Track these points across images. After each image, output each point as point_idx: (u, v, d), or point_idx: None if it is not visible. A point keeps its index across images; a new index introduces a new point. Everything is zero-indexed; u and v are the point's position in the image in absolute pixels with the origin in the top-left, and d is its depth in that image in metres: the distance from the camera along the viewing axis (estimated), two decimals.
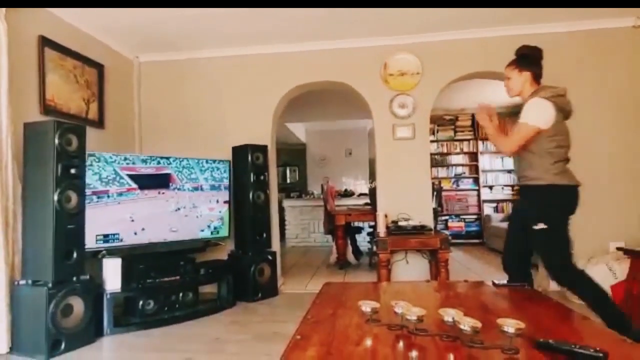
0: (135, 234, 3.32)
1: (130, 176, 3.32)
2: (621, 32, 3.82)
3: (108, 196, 3.18)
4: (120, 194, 3.24)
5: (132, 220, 3.30)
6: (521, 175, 2.47)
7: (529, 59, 2.49)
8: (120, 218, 3.23)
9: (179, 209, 3.61)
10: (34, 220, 2.67)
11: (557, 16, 3.71)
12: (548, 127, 2.30)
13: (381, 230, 3.64)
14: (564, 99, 2.38)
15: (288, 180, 11.48)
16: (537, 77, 2.48)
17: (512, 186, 7.49)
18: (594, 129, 3.83)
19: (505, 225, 6.22)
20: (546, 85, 2.43)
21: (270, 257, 3.96)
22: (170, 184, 3.56)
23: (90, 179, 3.04)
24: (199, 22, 3.66)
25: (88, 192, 2.98)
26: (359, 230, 6.35)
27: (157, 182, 3.48)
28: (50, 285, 2.57)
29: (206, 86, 4.36)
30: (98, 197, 3.11)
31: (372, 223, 5.62)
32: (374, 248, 4.12)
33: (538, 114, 2.31)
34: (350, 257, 5.78)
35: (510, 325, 1.20)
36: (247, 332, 2.99)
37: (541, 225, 2.33)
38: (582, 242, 3.77)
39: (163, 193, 3.51)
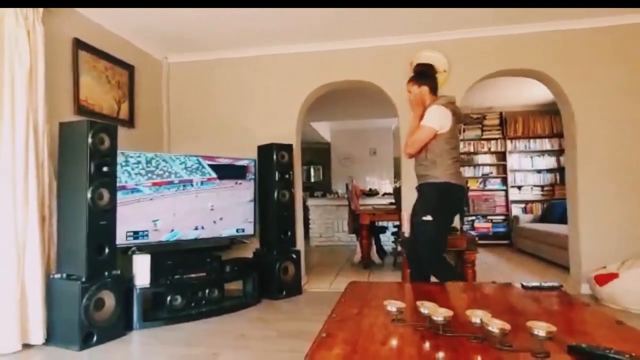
0: (164, 231, 3.40)
1: (160, 175, 3.40)
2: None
3: (136, 192, 3.26)
4: (150, 193, 3.32)
5: (162, 218, 3.38)
6: (423, 174, 2.79)
7: (425, 74, 2.96)
8: (150, 215, 3.31)
9: (205, 207, 3.67)
10: (68, 216, 2.77)
11: (584, 13, 3.59)
12: (446, 130, 2.67)
13: (406, 230, 3.60)
14: (454, 106, 2.80)
15: (312, 179, 11.51)
16: (433, 89, 2.86)
17: (542, 186, 7.30)
18: (628, 129, 3.70)
19: (534, 226, 6.10)
20: (440, 96, 2.84)
21: (294, 256, 3.98)
22: (197, 182, 3.63)
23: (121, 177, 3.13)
24: (227, 23, 3.71)
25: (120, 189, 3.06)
26: (383, 229, 6.31)
27: (184, 181, 3.55)
28: (83, 279, 2.66)
29: (233, 86, 4.42)
30: (132, 192, 3.20)
31: (397, 223, 5.58)
32: (399, 248, 4.09)
33: (437, 117, 2.67)
34: (375, 256, 5.75)
35: (540, 328, 1.17)
36: (272, 329, 3.02)
37: (428, 217, 2.64)
38: (616, 245, 3.66)
39: (190, 191, 3.58)
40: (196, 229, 3.61)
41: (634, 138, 3.69)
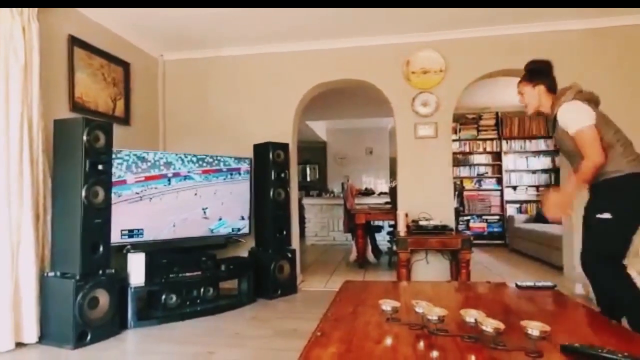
0: (159, 230, 3.39)
1: (155, 173, 3.38)
2: None
3: (130, 190, 3.25)
4: (144, 191, 3.31)
5: (156, 217, 3.37)
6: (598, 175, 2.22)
7: (539, 72, 2.47)
8: (144, 214, 3.30)
9: (200, 205, 3.66)
10: (63, 214, 2.76)
11: (579, 14, 3.61)
12: (597, 121, 2.20)
13: (401, 230, 3.62)
14: (585, 92, 2.33)
15: (308, 178, 11.51)
16: (550, 88, 2.43)
17: (537, 187, 7.33)
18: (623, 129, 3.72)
19: (529, 226, 6.13)
20: (562, 89, 2.37)
21: (289, 255, 3.98)
22: (193, 181, 3.62)
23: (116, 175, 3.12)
24: (222, 21, 3.70)
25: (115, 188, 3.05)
26: (379, 229, 6.32)
27: (180, 179, 3.54)
28: (77, 277, 2.65)
29: (229, 84, 4.41)
30: (126, 189, 3.19)
31: (392, 222, 5.59)
32: (394, 247, 4.10)
33: (579, 115, 2.21)
34: (370, 256, 5.76)
35: (534, 327, 1.18)
36: (267, 327, 3.02)
37: (606, 215, 2.14)
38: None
39: (185, 190, 3.57)
40: (191, 227, 3.59)
41: (630, 137, 3.70)
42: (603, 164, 2.15)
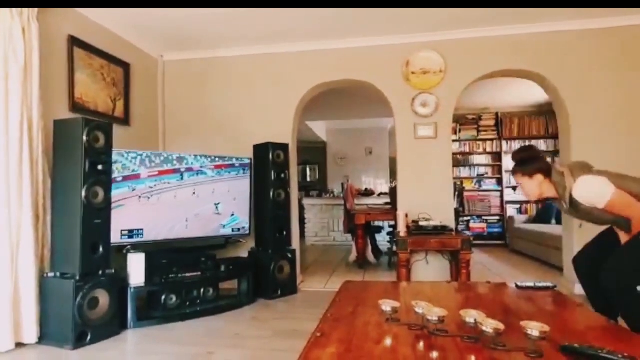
0: (159, 230, 3.39)
1: (154, 174, 3.38)
2: None
3: (130, 190, 3.25)
4: (145, 191, 3.31)
5: (156, 217, 3.37)
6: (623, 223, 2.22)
7: (530, 161, 2.41)
8: (145, 214, 3.30)
9: (200, 205, 3.66)
10: (63, 214, 2.76)
11: (580, 14, 3.61)
12: (614, 185, 2.17)
13: (401, 230, 3.61)
14: (577, 164, 2.36)
15: (308, 179, 11.51)
16: (547, 173, 2.37)
17: None
18: (622, 131, 3.72)
19: (529, 227, 6.13)
20: (556, 174, 2.34)
21: (290, 255, 3.98)
22: (193, 181, 3.62)
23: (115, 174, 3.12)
24: (222, 21, 3.70)
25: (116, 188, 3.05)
26: (379, 229, 6.32)
27: (181, 179, 3.54)
28: (77, 278, 2.65)
29: (229, 84, 4.41)
30: (127, 189, 3.19)
31: (392, 222, 5.59)
32: (394, 247, 4.10)
33: (600, 187, 2.18)
34: (370, 256, 5.76)
35: (534, 328, 1.18)
36: (267, 328, 3.01)
37: None
38: None
39: (185, 190, 3.56)
40: (191, 227, 3.59)
41: (628, 140, 3.71)
42: None
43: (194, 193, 3.62)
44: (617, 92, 3.75)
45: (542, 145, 7.31)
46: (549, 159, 7.24)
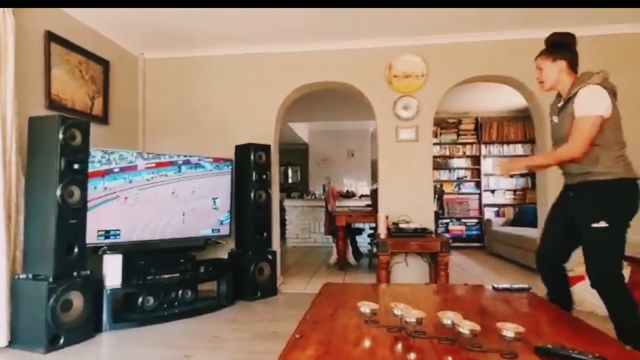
0: (136, 230, 3.33)
1: (132, 173, 3.33)
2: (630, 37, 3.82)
3: (108, 190, 3.18)
4: (121, 191, 3.25)
5: (134, 217, 3.31)
6: (583, 172, 2.13)
7: (562, 45, 2.23)
8: (121, 214, 3.24)
9: (180, 206, 3.61)
10: (37, 214, 2.68)
11: (559, 22, 3.70)
12: (610, 115, 2.05)
13: (382, 232, 3.64)
14: (610, 82, 2.15)
15: (290, 180, 11.49)
16: (573, 65, 2.21)
17: (515, 191, 7.48)
18: None
19: (506, 229, 6.24)
20: (588, 72, 2.15)
21: (270, 257, 3.96)
22: (172, 181, 3.57)
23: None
24: (204, 21, 3.66)
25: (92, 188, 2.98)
26: (360, 231, 6.35)
27: (159, 179, 3.49)
28: (50, 279, 2.58)
29: (210, 84, 4.37)
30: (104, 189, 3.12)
31: (373, 224, 5.62)
32: (374, 249, 4.12)
33: (599, 102, 2.04)
34: (351, 258, 5.78)
35: (509, 329, 1.20)
36: (246, 330, 2.99)
37: (602, 224, 2.03)
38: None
39: (165, 190, 3.51)
40: (170, 228, 3.54)
41: None
42: (578, 159, 2.08)
43: (173, 193, 3.57)
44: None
45: (519, 149, 7.47)
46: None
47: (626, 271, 3.23)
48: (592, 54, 3.85)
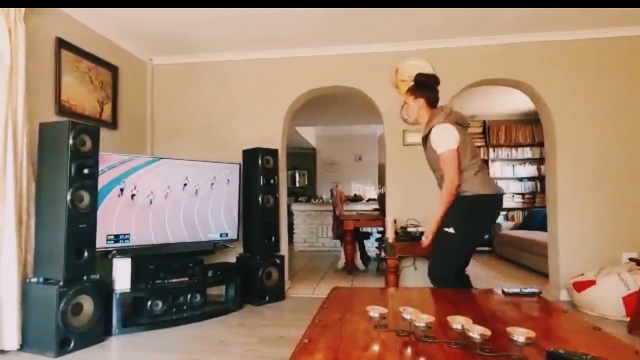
0: (145, 235, 3.35)
1: (142, 178, 3.35)
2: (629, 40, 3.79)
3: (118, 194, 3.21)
4: (132, 196, 3.27)
5: (143, 222, 3.33)
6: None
7: (423, 85, 2.62)
8: (131, 219, 3.26)
9: (189, 210, 3.63)
10: (47, 218, 2.71)
11: (567, 25, 3.69)
12: (459, 145, 2.44)
13: (390, 236, 3.62)
14: (455, 114, 2.55)
15: (297, 184, 11.49)
16: (431, 102, 2.60)
17: (523, 194, 7.42)
18: (606, 139, 3.80)
19: (515, 233, 6.19)
20: (437, 110, 2.57)
21: (278, 261, 3.96)
22: (180, 185, 3.59)
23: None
24: (212, 26, 3.69)
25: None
26: (368, 235, 6.33)
27: (168, 183, 3.51)
28: (61, 283, 2.60)
29: (218, 89, 4.40)
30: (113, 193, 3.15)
31: (381, 229, 5.61)
32: (383, 254, 4.11)
33: (447, 138, 2.44)
34: (358, 262, 5.76)
35: (520, 334, 1.19)
36: (254, 335, 2.99)
37: (450, 230, 2.43)
38: (594, 253, 3.74)
39: (173, 194, 3.53)
40: (179, 233, 3.56)
41: (612, 148, 3.78)
42: (459, 184, 2.42)
43: (181, 197, 3.59)
44: (603, 101, 3.82)
45: (528, 153, 7.42)
46: (535, 166, 7.36)
47: (637, 275, 3.20)
48: (607, 56, 3.84)
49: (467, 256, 2.59)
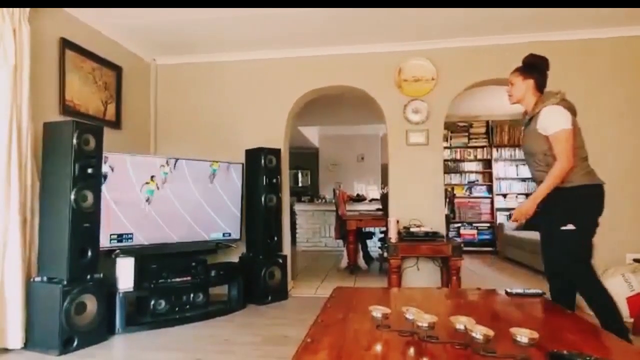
0: (149, 234, 3.36)
1: (146, 177, 3.36)
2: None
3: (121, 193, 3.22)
4: (135, 194, 3.28)
5: (146, 221, 3.34)
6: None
7: (534, 67, 2.53)
8: (134, 218, 3.27)
9: (191, 210, 3.64)
10: (51, 218, 2.72)
11: (571, 24, 3.67)
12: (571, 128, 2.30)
13: (392, 236, 3.62)
14: (568, 101, 2.44)
15: (300, 184, 11.49)
16: (539, 85, 2.50)
17: (527, 195, 7.39)
18: (612, 138, 3.78)
19: (518, 234, 6.17)
20: (549, 92, 2.46)
21: (280, 261, 3.96)
22: (184, 184, 3.60)
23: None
24: (216, 26, 3.70)
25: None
26: (370, 235, 6.32)
27: (172, 183, 3.52)
28: (64, 282, 2.61)
29: (221, 89, 4.40)
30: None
31: (384, 229, 5.60)
32: (385, 254, 4.11)
33: (562, 118, 2.30)
34: (361, 262, 5.76)
35: (523, 334, 1.19)
36: (257, 334, 2.99)
37: (570, 227, 2.25)
38: (598, 253, 3.71)
39: (176, 194, 3.54)
40: (182, 232, 3.57)
41: (615, 149, 3.76)
42: (571, 168, 2.26)
43: (184, 197, 3.60)
44: (607, 102, 3.81)
45: None
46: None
47: None
48: (609, 56, 3.82)
49: (591, 249, 2.36)
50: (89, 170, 2.77)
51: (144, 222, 3.33)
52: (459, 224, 7.48)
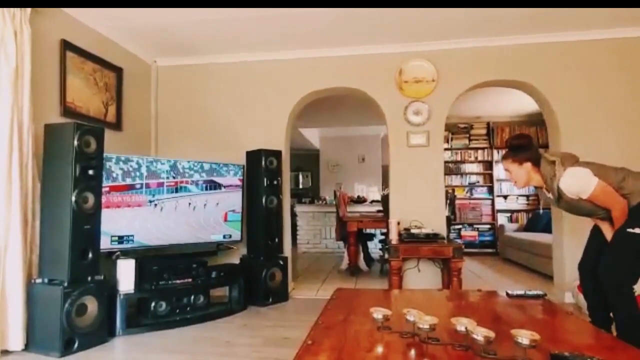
0: (149, 236, 3.36)
1: (145, 178, 3.36)
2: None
3: (121, 195, 3.22)
4: (136, 196, 3.28)
5: (147, 223, 3.34)
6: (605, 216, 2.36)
7: (522, 148, 2.50)
8: (134, 220, 3.27)
9: (192, 211, 3.64)
10: (52, 219, 2.72)
11: (571, 26, 3.67)
12: (597, 174, 2.27)
13: (393, 238, 3.62)
14: (563, 155, 2.41)
15: (300, 186, 11.50)
16: (536, 162, 2.46)
17: (528, 196, 7.39)
18: (611, 140, 3.78)
19: (519, 235, 6.17)
20: (543, 164, 2.41)
21: (281, 262, 3.96)
22: (184, 187, 3.60)
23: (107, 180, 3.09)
24: (217, 27, 3.71)
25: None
26: (371, 237, 6.32)
27: (172, 184, 3.52)
28: (65, 284, 2.61)
29: (222, 91, 4.41)
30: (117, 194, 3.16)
31: (384, 230, 5.60)
32: (386, 255, 4.10)
33: (583, 179, 2.27)
34: (362, 263, 5.75)
35: (524, 336, 1.18)
36: (258, 336, 2.99)
37: (637, 230, 2.17)
38: None
39: (177, 196, 3.55)
40: (182, 234, 3.57)
41: (617, 150, 3.76)
42: (626, 204, 2.22)
43: (185, 198, 3.60)
44: (608, 102, 3.81)
45: None
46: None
47: None
48: (611, 57, 3.82)
49: None
50: (90, 172, 2.77)
51: (144, 223, 3.33)
52: (460, 226, 7.47)
